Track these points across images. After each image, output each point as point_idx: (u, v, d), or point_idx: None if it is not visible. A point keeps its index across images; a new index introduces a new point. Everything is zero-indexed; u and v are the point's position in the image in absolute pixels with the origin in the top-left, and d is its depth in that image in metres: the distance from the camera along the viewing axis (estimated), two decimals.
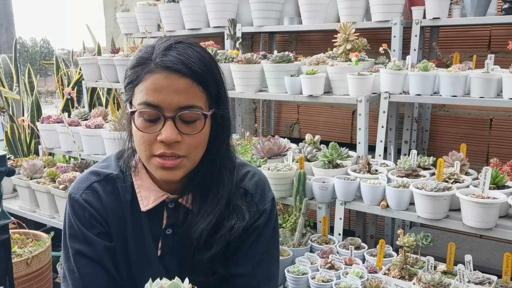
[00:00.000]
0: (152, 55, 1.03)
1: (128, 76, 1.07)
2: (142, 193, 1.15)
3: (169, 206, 1.16)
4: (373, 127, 2.46)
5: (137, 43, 3.67)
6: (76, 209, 1.14)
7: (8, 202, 3.12)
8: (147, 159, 1.06)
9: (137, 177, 1.16)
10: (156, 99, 1.00)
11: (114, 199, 1.15)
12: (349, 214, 3.09)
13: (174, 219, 1.16)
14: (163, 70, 1.00)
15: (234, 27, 3.02)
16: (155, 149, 1.03)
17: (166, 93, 1.00)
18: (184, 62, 1.01)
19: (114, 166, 1.19)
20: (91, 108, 3.46)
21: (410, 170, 2.11)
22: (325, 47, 2.85)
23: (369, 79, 2.32)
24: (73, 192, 1.15)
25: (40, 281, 2.50)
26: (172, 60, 1.00)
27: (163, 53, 1.02)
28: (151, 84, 1.01)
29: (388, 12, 2.55)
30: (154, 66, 1.01)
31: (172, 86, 1.00)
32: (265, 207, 1.20)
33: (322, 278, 1.95)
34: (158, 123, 1.02)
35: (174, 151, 1.03)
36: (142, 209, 1.14)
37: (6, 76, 4.07)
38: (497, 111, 2.75)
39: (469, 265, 1.83)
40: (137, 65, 1.05)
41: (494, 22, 2.53)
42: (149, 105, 1.01)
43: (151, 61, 1.02)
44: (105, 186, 1.15)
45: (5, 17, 5.52)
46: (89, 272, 1.11)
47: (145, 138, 1.03)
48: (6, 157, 1.81)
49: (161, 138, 1.01)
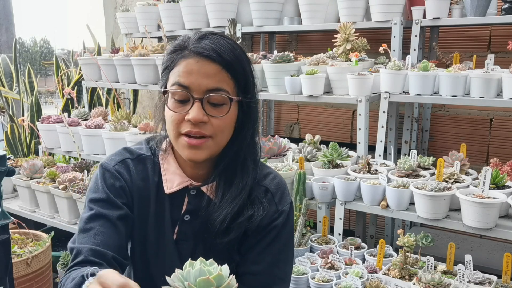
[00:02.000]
0: (187, 43, 1.12)
1: (165, 62, 1.16)
2: (168, 176, 1.20)
3: (191, 192, 1.21)
4: (373, 127, 2.46)
5: (137, 43, 3.67)
6: (107, 177, 1.18)
7: (8, 202, 3.12)
8: (175, 138, 1.13)
9: (165, 161, 1.22)
10: (187, 80, 1.08)
11: (142, 178, 1.21)
12: (349, 214, 3.09)
13: (194, 206, 1.20)
14: (196, 56, 1.09)
15: (234, 27, 3.02)
16: (183, 128, 1.10)
17: (196, 76, 1.08)
18: (215, 49, 1.09)
19: (145, 149, 1.26)
20: (91, 108, 3.47)
21: (410, 170, 2.11)
22: (325, 47, 2.85)
23: (369, 79, 2.32)
24: (107, 162, 1.21)
25: (40, 281, 2.50)
26: (204, 47, 1.09)
27: (197, 41, 1.11)
28: (184, 67, 1.09)
29: (388, 12, 2.55)
30: (188, 52, 1.10)
31: (202, 69, 1.08)
32: (284, 208, 1.24)
33: (322, 278, 1.96)
34: (188, 104, 1.09)
35: (200, 130, 1.09)
36: (166, 191, 1.19)
37: (6, 76, 4.07)
38: (497, 111, 2.75)
39: (469, 265, 1.83)
40: (173, 51, 1.13)
41: (494, 22, 2.53)
42: (180, 86, 1.09)
43: (186, 48, 1.11)
44: (136, 164, 1.22)
45: (5, 17, 5.52)
46: (104, 232, 1.11)
47: (174, 117, 1.10)
48: (6, 157, 1.81)
49: (188, 117, 1.08)
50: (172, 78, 1.11)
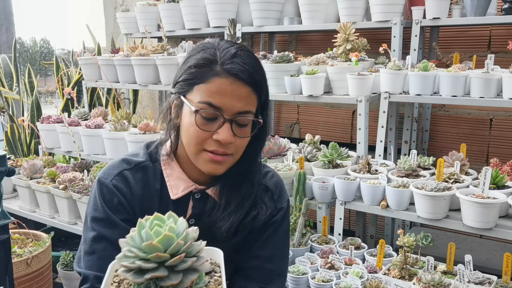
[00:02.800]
0: (217, 57, 1.09)
1: (190, 73, 1.11)
2: (172, 182, 1.20)
3: (195, 196, 1.21)
4: (373, 127, 2.46)
5: (137, 43, 3.67)
6: (105, 193, 1.17)
7: (8, 202, 3.12)
8: (196, 153, 1.12)
9: (167, 167, 1.21)
10: (219, 101, 1.07)
11: (143, 187, 1.19)
12: (349, 214, 3.09)
13: (199, 209, 1.20)
14: (230, 77, 1.07)
15: (234, 27, 3.02)
16: (208, 146, 1.10)
17: (229, 98, 1.07)
18: (249, 72, 1.09)
19: (143, 155, 1.24)
20: (91, 108, 3.47)
21: (410, 170, 2.11)
22: (325, 47, 2.85)
23: (369, 79, 2.32)
24: (103, 177, 1.18)
25: (40, 281, 2.50)
26: (239, 69, 1.08)
27: (231, 60, 1.09)
28: (217, 87, 1.07)
29: (388, 12, 2.55)
30: (221, 70, 1.08)
31: (236, 92, 1.08)
32: (282, 205, 1.28)
33: (322, 278, 1.95)
34: (215, 122, 1.08)
35: (226, 150, 1.10)
36: (172, 197, 1.19)
37: (6, 76, 4.06)
38: (497, 111, 2.75)
39: (469, 265, 1.83)
40: (202, 65, 1.10)
41: (494, 22, 2.53)
42: (211, 106, 1.07)
43: (217, 64, 1.08)
44: (134, 174, 1.20)
45: (5, 17, 5.52)
46: (107, 255, 1.12)
47: (199, 134, 1.09)
48: (6, 157, 1.81)
49: (217, 138, 1.08)
50: (201, 94, 1.08)
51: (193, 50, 1.16)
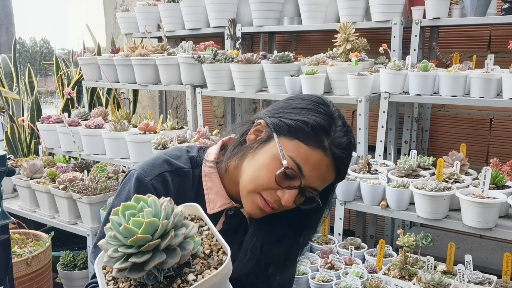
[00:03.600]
0: (332, 131, 1.07)
1: (299, 126, 1.06)
2: (211, 196, 1.16)
3: (228, 213, 1.18)
4: (373, 127, 2.46)
5: (137, 43, 3.67)
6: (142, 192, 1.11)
7: (8, 202, 3.12)
8: (250, 192, 1.09)
9: (208, 178, 1.17)
10: (309, 172, 1.05)
11: (178, 193, 1.14)
12: (349, 214, 3.08)
13: (229, 226, 1.18)
14: (331, 160, 1.06)
15: (234, 27, 3.02)
16: (266, 194, 1.08)
17: (318, 175, 1.06)
18: (345, 165, 1.10)
19: (185, 160, 1.19)
20: (91, 108, 3.47)
21: (410, 170, 2.11)
22: (325, 47, 2.85)
23: (369, 79, 2.32)
24: (144, 174, 1.13)
25: (40, 281, 2.50)
26: (343, 160, 1.08)
27: (342, 148, 1.07)
28: (315, 161, 1.05)
29: (388, 12, 2.55)
30: (328, 148, 1.06)
31: (325, 174, 1.07)
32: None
33: (322, 278, 1.96)
34: (288, 181, 1.06)
35: (276, 206, 1.09)
36: (208, 211, 1.15)
37: (6, 76, 4.07)
38: (497, 111, 2.75)
39: (469, 265, 1.83)
40: (315, 129, 1.06)
41: (494, 22, 2.53)
42: (300, 170, 1.05)
43: (328, 138, 1.06)
44: (174, 178, 1.15)
45: (5, 17, 5.53)
46: None
47: (269, 182, 1.06)
48: (6, 157, 1.81)
49: (282, 197, 1.06)
50: (296, 153, 1.04)
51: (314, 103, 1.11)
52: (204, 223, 0.83)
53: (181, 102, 4.20)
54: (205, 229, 0.81)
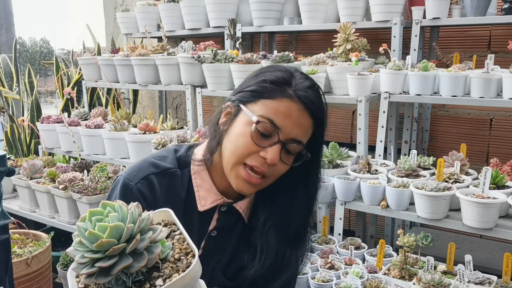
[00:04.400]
0: (292, 81, 1.09)
1: (262, 86, 1.10)
2: (201, 193, 1.17)
3: (221, 209, 1.18)
4: (373, 127, 2.46)
5: (137, 43, 3.67)
6: (128, 197, 1.12)
7: (8, 202, 3.12)
8: (234, 164, 1.09)
9: (197, 176, 1.17)
10: (282, 122, 1.06)
11: (167, 194, 1.14)
12: (349, 214, 3.08)
13: (224, 223, 1.18)
14: (300, 104, 1.08)
15: (234, 27, 3.02)
16: (250, 160, 1.07)
17: (292, 122, 1.07)
18: (318, 107, 1.11)
19: (171, 160, 1.19)
20: (91, 108, 3.46)
21: (410, 170, 2.11)
22: (325, 47, 2.85)
23: (369, 79, 2.32)
24: (128, 179, 1.13)
25: (40, 281, 2.49)
26: (311, 100, 1.09)
27: (305, 89, 1.09)
28: (284, 108, 1.06)
29: (388, 12, 2.55)
30: (293, 95, 1.08)
31: (300, 120, 1.08)
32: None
33: (322, 278, 1.95)
34: (268, 140, 1.07)
35: (265, 170, 1.08)
36: (199, 208, 1.16)
37: (6, 76, 4.06)
38: (497, 111, 2.75)
39: (469, 265, 1.83)
40: (277, 83, 1.09)
41: (494, 22, 2.53)
42: (273, 123, 1.06)
43: (290, 87, 1.09)
44: (161, 179, 1.15)
45: (5, 17, 5.53)
46: None
47: (248, 146, 1.07)
48: (6, 157, 1.80)
49: (265, 156, 1.06)
50: (265, 109, 1.07)
51: (268, 67, 1.16)
52: (177, 228, 0.82)
53: (181, 102, 4.20)
54: (177, 233, 0.81)
